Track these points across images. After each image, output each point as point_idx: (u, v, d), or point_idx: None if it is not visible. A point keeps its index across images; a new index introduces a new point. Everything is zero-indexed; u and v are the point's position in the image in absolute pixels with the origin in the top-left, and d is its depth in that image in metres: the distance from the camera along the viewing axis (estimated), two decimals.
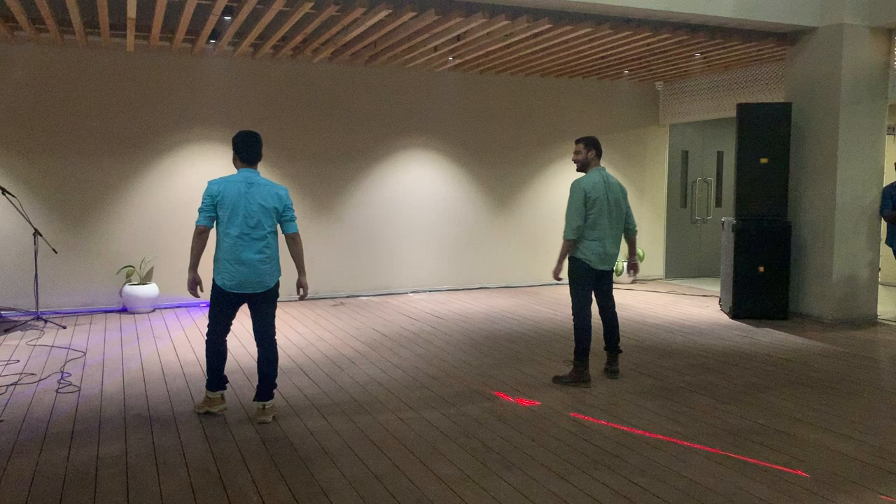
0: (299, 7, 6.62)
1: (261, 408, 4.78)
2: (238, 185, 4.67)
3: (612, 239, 5.64)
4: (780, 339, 7.23)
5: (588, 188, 5.51)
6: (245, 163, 4.82)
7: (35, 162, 8.32)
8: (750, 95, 9.96)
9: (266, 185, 4.74)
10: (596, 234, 5.54)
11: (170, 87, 8.82)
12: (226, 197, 4.62)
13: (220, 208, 4.63)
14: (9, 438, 4.43)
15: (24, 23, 7.21)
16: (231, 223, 4.61)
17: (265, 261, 4.68)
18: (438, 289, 10.36)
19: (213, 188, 4.66)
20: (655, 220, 11.74)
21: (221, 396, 4.92)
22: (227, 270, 4.63)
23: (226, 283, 4.65)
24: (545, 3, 6.98)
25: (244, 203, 4.62)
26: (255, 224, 4.63)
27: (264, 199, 4.68)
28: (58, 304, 8.40)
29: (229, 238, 4.61)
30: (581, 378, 5.60)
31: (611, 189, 5.63)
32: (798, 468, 3.99)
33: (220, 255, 4.66)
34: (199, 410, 4.90)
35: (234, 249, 4.60)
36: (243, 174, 4.76)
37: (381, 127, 9.94)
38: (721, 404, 5.12)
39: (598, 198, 5.52)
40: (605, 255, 5.60)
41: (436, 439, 4.42)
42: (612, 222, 5.62)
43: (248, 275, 4.64)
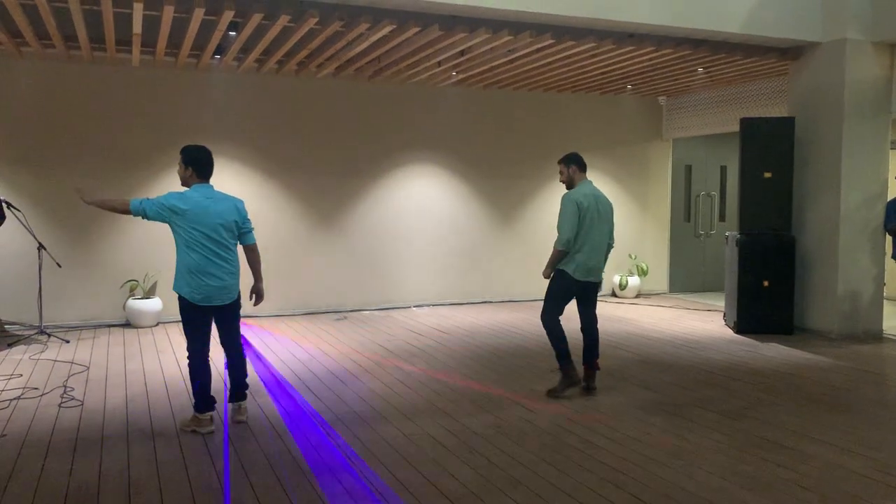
0: (304, 22, 6.66)
1: (237, 408, 5.04)
2: (199, 202, 4.71)
3: (600, 252, 5.73)
4: (785, 354, 7.19)
5: (579, 200, 5.59)
6: (203, 178, 4.87)
7: (40, 176, 8.35)
8: (753, 110, 9.97)
9: (224, 200, 4.84)
10: (584, 246, 5.61)
11: (175, 102, 8.86)
12: (189, 216, 4.66)
13: (182, 224, 4.66)
14: (12, 453, 4.41)
15: (30, 38, 7.27)
16: (195, 240, 4.67)
17: (231, 272, 4.83)
18: (442, 303, 10.34)
19: (179, 204, 4.66)
20: (659, 234, 11.73)
21: (210, 418, 4.88)
22: (195, 284, 4.69)
23: (194, 296, 4.71)
24: (548, 19, 7.01)
25: (208, 221, 4.69)
26: (220, 239, 4.75)
27: (226, 214, 4.78)
28: (61, 318, 8.40)
29: (194, 254, 4.68)
30: (571, 381, 5.66)
31: (600, 202, 5.72)
32: (805, 484, 3.95)
33: (186, 269, 4.71)
34: (185, 428, 4.86)
35: (201, 265, 4.68)
36: (202, 191, 4.80)
37: (385, 141, 9.97)
38: (726, 420, 5.09)
39: (588, 209, 5.61)
40: (592, 267, 5.67)
41: (439, 455, 4.40)
42: (600, 235, 5.70)
43: (216, 289, 4.75)
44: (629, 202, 11.48)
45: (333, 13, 6.57)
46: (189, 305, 4.75)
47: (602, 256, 5.77)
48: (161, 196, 4.76)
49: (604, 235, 5.74)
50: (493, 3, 6.59)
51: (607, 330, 8.44)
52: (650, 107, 11.57)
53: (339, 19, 6.65)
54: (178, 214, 4.66)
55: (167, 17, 6.48)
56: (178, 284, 4.75)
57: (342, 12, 6.59)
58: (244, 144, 9.21)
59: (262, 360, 6.85)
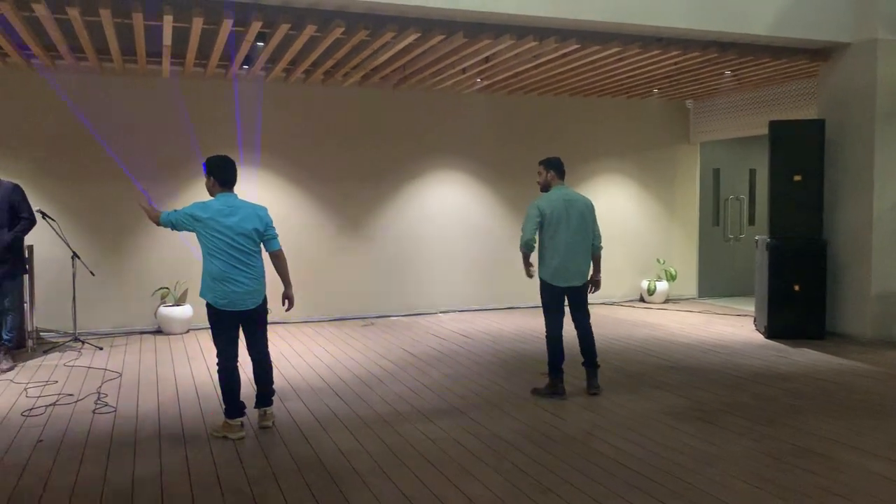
0: (330, 32, 6.73)
1: (262, 413, 5.08)
2: (221, 210, 4.83)
3: (575, 255, 5.76)
4: (817, 360, 7.09)
5: (543, 206, 5.71)
6: (224, 187, 4.96)
7: (74, 186, 8.52)
8: (782, 112, 9.86)
9: (247, 208, 4.93)
10: (554, 251, 5.71)
11: (204, 111, 8.99)
12: (212, 224, 4.78)
13: (205, 231, 4.79)
14: (48, 458, 4.50)
15: (64, 52, 7.43)
16: (218, 247, 4.79)
17: (255, 278, 4.90)
18: (467, 308, 10.35)
19: (199, 213, 4.81)
20: (687, 238, 11.63)
21: (241, 424, 4.94)
22: (219, 290, 4.81)
23: (218, 301, 4.83)
24: (573, 24, 7.00)
25: (230, 230, 4.80)
26: (242, 249, 4.84)
27: (248, 222, 4.87)
28: (95, 326, 8.55)
29: (218, 261, 4.79)
30: (555, 391, 5.78)
31: (572, 206, 5.76)
32: (839, 492, 3.89)
33: (210, 276, 4.83)
34: (216, 434, 4.91)
35: (224, 271, 4.79)
36: (224, 200, 4.90)
37: (410, 148, 10.02)
38: (758, 426, 5.03)
39: (553, 215, 5.69)
40: (566, 271, 5.73)
41: (467, 461, 4.40)
42: (574, 239, 5.73)
43: (239, 294, 4.84)
44: (657, 206, 11.41)
45: (359, 22, 6.63)
46: (215, 311, 4.86)
47: (581, 260, 5.81)
48: (186, 206, 4.91)
49: (583, 239, 5.78)
50: (517, 9, 6.60)
51: (635, 336, 8.40)
52: (677, 110, 11.48)
53: (365, 28, 6.70)
54: (199, 222, 4.79)
55: (196, 28, 6.59)
56: (203, 291, 4.88)
57: (368, 21, 6.65)
58: (272, 153, 9.32)
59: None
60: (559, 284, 5.76)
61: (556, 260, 5.72)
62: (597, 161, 11.03)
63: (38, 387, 6.19)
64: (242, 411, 4.96)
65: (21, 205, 6.83)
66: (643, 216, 11.36)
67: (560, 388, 5.80)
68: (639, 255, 11.29)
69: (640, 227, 11.32)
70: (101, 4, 5.91)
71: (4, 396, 5.90)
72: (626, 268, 11.20)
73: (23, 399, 5.82)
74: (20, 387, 6.18)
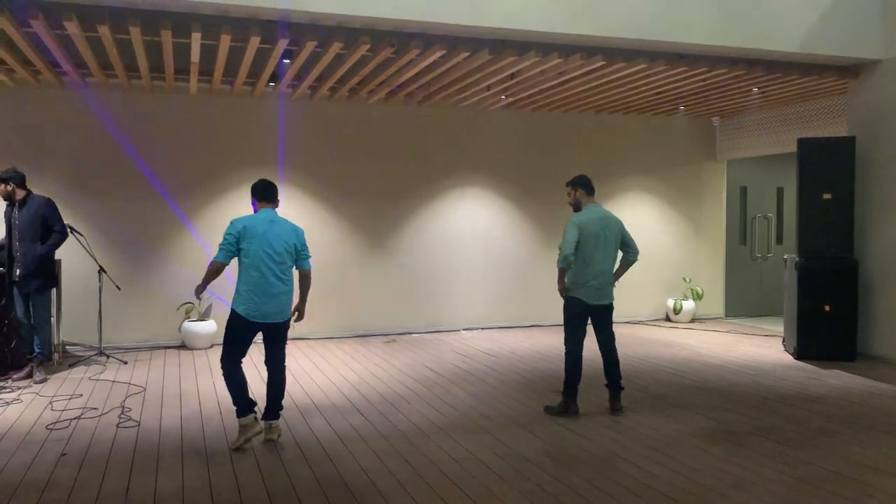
0: (356, 49, 6.77)
1: (268, 426, 5.10)
2: (262, 222, 5.01)
3: (606, 275, 5.78)
4: (849, 382, 6.93)
5: (581, 223, 5.71)
6: (265, 202, 5.17)
7: (101, 202, 8.63)
8: (811, 129, 9.73)
9: (285, 223, 5.11)
10: (591, 270, 5.70)
11: (231, 128, 9.08)
12: (251, 233, 4.94)
13: (245, 242, 4.93)
14: (72, 471, 4.51)
15: (95, 69, 7.55)
16: (257, 258, 4.91)
17: (286, 292, 5.03)
18: (490, 326, 10.28)
19: (237, 225, 4.98)
20: (714, 257, 11.48)
21: (255, 418, 5.04)
22: (253, 301, 4.92)
23: (250, 313, 4.92)
24: (599, 41, 6.98)
25: (269, 240, 4.95)
26: (279, 259, 4.98)
27: (286, 236, 5.03)
28: (119, 340, 8.60)
29: (256, 272, 4.91)
30: (568, 409, 5.74)
31: (607, 225, 5.80)
32: None
33: (246, 287, 4.94)
34: (235, 446, 4.94)
35: (261, 283, 4.91)
36: (265, 213, 5.11)
37: (434, 165, 10.03)
38: (789, 449, 4.91)
39: (591, 234, 5.69)
40: (600, 290, 5.75)
41: (490, 481, 4.33)
42: (605, 258, 5.75)
43: (272, 306, 4.95)
44: (683, 224, 11.29)
45: (385, 39, 6.67)
46: (239, 318, 4.95)
47: (609, 280, 5.83)
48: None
49: (611, 258, 5.80)
50: (542, 26, 6.60)
51: (662, 355, 8.28)
52: (703, 127, 11.39)
53: (391, 45, 6.73)
54: (240, 231, 4.93)
55: (224, 45, 6.66)
56: (236, 302, 4.98)
57: (393, 38, 6.68)
58: (297, 169, 9.36)
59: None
60: (594, 303, 5.74)
61: (593, 279, 5.70)
62: (622, 178, 10.95)
63: (63, 400, 6.22)
64: (253, 408, 5.05)
65: (53, 219, 6.92)
66: (669, 234, 11.24)
67: (573, 407, 5.77)
68: (665, 274, 11.16)
69: (667, 246, 11.21)
70: (130, 22, 6.00)
71: (30, 409, 5.94)
72: (652, 286, 11.08)
73: (48, 412, 5.85)
74: (46, 400, 6.22)
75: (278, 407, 5.18)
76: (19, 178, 6.84)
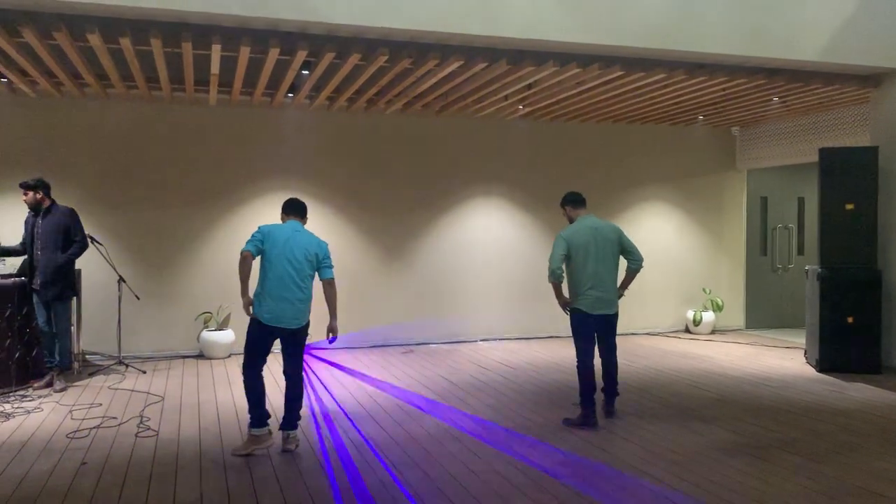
0: (374, 60, 6.79)
1: (286, 437, 5.13)
2: (286, 230, 5.19)
3: (605, 283, 5.79)
4: (872, 395, 6.82)
5: (568, 236, 5.79)
6: (292, 215, 5.36)
7: (121, 211, 8.71)
8: (832, 139, 9.64)
9: (310, 235, 5.25)
10: (587, 280, 5.75)
11: (249, 139, 9.14)
12: (275, 238, 5.08)
13: (267, 246, 5.06)
14: (91, 480, 4.52)
15: (116, 80, 7.63)
16: (277, 263, 5.04)
17: (303, 300, 5.11)
18: (508, 337, 10.24)
19: (263, 228, 5.17)
20: (734, 268, 11.38)
21: (269, 432, 5.11)
22: (268, 305, 5.02)
23: (265, 315, 5.02)
24: (617, 51, 6.96)
25: (291, 246, 5.07)
26: (299, 267, 5.07)
27: (307, 245, 5.15)
28: (138, 349, 8.66)
29: (274, 276, 5.02)
30: (587, 422, 5.73)
31: (599, 234, 5.80)
32: None
33: (264, 291, 5.05)
34: (238, 453, 5.01)
35: (278, 287, 5.01)
36: (291, 224, 5.30)
37: (452, 175, 10.03)
38: (812, 463, 4.83)
39: (581, 244, 5.75)
40: (599, 300, 5.77)
41: (509, 494, 4.29)
42: (604, 266, 5.78)
43: (287, 311, 5.04)
44: (702, 235, 11.20)
45: (403, 50, 6.69)
46: (258, 324, 5.05)
47: (610, 288, 5.84)
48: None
49: (609, 267, 5.81)
50: (560, 36, 6.59)
51: (682, 368, 8.20)
52: (723, 137, 11.31)
53: (409, 56, 6.75)
54: (263, 234, 5.08)
55: (244, 57, 6.71)
56: (255, 303, 5.07)
57: (411, 49, 6.70)
58: (314, 180, 9.40)
59: (328, 392, 6.88)
60: (594, 313, 5.78)
61: (590, 288, 5.76)
62: (641, 188, 10.90)
63: (83, 409, 6.26)
64: (266, 420, 5.11)
65: (75, 229, 6.99)
66: (688, 245, 11.16)
67: (592, 419, 5.75)
68: (684, 285, 11.07)
69: (686, 256, 11.12)
70: (152, 34, 6.06)
71: (51, 418, 5.97)
72: (671, 297, 10.99)
73: (68, 421, 5.89)
74: (66, 408, 6.26)
75: (296, 417, 5.21)
76: (47, 188, 6.94)
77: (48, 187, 6.96)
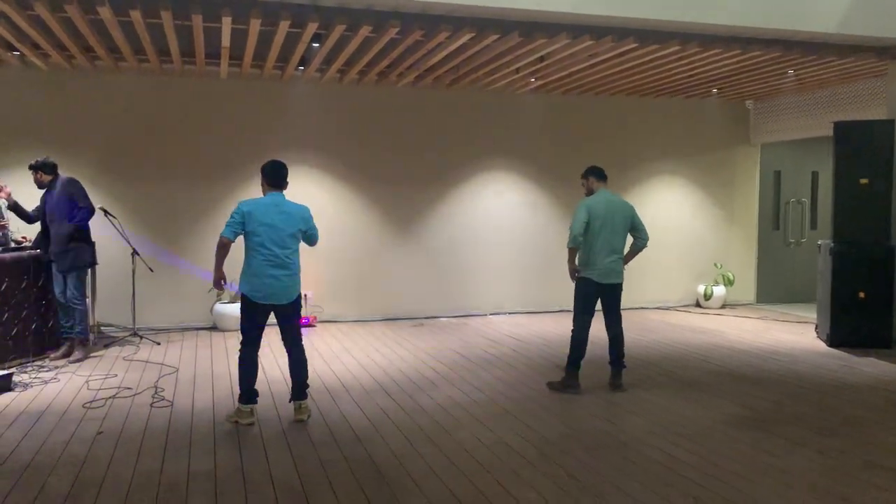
0: (385, 33, 6.75)
1: (297, 407, 5.22)
2: (268, 207, 5.09)
3: (615, 254, 6.00)
4: (884, 370, 6.82)
5: (591, 205, 5.98)
6: (273, 188, 5.22)
7: (134, 185, 8.75)
8: (847, 113, 9.52)
9: (292, 208, 5.17)
10: (599, 250, 5.94)
11: (260, 112, 9.13)
12: (256, 217, 5.02)
13: (249, 226, 5.02)
14: (107, 449, 4.61)
15: (127, 54, 7.63)
16: (260, 242, 5.02)
17: (291, 276, 5.12)
18: (518, 311, 10.27)
19: (243, 207, 5.06)
20: (746, 242, 11.33)
21: (251, 411, 5.17)
22: (256, 284, 5.05)
23: (255, 294, 5.04)
24: (631, 23, 6.88)
25: (275, 226, 5.03)
26: (283, 245, 5.06)
27: (291, 222, 5.11)
28: (152, 321, 8.75)
29: (259, 255, 5.02)
30: (570, 385, 5.98)
31: (615, 209, 6.01)
32: None
33: (250, 270, 5.07)
34: (229, 420, 5.16)
35: (264, 266, 5.02)
36: (271, 198, 5.17)
37: (462, 149, 9.99)
38: (821, 438, 4.85)
39: (599, 215, 5.93)
40: (609, 270, 5.98)
41: (518, 465, 4.35)
42: (615, 239, 5.98)
43: (276, 287, 5.06)
44: (715, 209, 11.15)
45: (414, 23, 6.63)
46: (249, 303, 5.09)
47: (618, 261, 6.04)
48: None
49: (618, 240, 6.01)
50: (573, 8, 6.51)
51: (691, 342, 8.21)
52: (737, 111, 11.20)
53: (420, 28, 6.70)
54: (244, 216, 5.02)
55: (254, 30, 6.68)
56: (241, 284, 5.11)
57: (422, 21, 6.64)
58: (325, 153, 9.41)
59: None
60: (604, 282, 5.97)
61: (602, 259, 5.94)
62: (653, 162, 10.83)
63: (98, 380, 6.36)
64: (254, 399, 5.18)
65: (78, 195, 7.02)
66: (701, 219, 11.11)
67: (575, 383, 5.98)
68: (696, 259, 11.05)
69: (698, 231, 11.08)
70: (162, 6, 6.04)
71: (68, 388, 6.08)
72: (682, 272, 10.98)
73: (84, 391, 5.99)
74: (82, 379, 6.36)
75: (304, 386, 5.26)
76: (47, 167, 7.01)
77: (49, 165, 7.01)
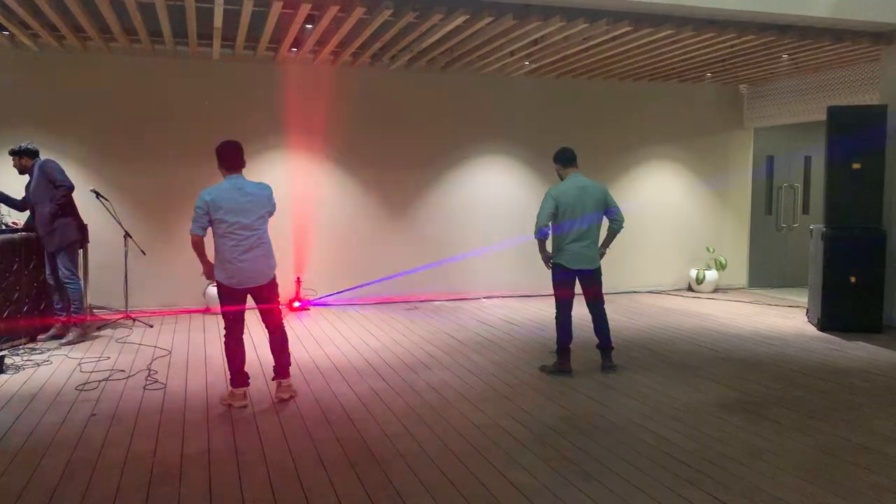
0: (378, 14, 6.70)
1: (279, 385, 5.29)
2: (230, 192, 5.01)
3: (587, 240, 6.01)
4: (874, 354, 6.87)
5: (556, 194, 5.98)
6: (231, 170, 5.14)
7: (126, 167, 8.70)
8: (841, 97, 9.53)
9: (254, 189, 5.10)
10: (571, 236, 5.96)
11: (253, 94, 9.07)
12: (220, 204, 4.94)
13: (215, 214, 4.94)
14: (101, 431, 4.62)
15: (118, 34, 7.55)
16: (228, 229, 4.97)
17: (263, 257, 5.10)
18: (512, 294, 10.29)
19: (206, 196, 4.98)
20: (738, 227, 11.36)
21: (244, 394, 5.19)
22: (229, 270, 5.03)
23: (230, 280, 5.03)
24: (625, 6, 6.85)
25: (239, 212, 4.97)
26: (253, 227, 5.03)
27: (257, 203, 5.06)
28: (145, 304, 8.73)
29: (230, 241, 4.98)
30: (562, 370, 6.04)
31: (586, 193, 5.99)
32: (895, 490, 3.77)
33: (222, 256, 5.03)
34: (222, 403, 5.17)
35: (235, 251, 4.99)
36: (232, 182, 5.08)
37: (457, 132, 9.97)
38: (811, 420, 4.90)
39: (568, 203, 5.93)
40: (581, 255, 5.99)
41: (511, 447, 4.37)
42: (587, 225, 5.98)
43: (250, 271, 5.05)
44: (708, 193, 11.16)
45: (407, 4, 6.59)
46: (226, 289, 5.08)
47: (593, 245, 6.05)
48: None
49: (592, 226, 6.01)
50: None
51: (683, 325, 8.25)
52: (730, 95, 11.19)
53: (413, 10, 6.66)
54: (208, 206, 4.95)
55: (246, 10, 6.62)
56: (216, 272, 5.09)
57: (416, 3, 6.60)
58: (319, 135, 9.36)
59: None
60: (573, 267, 6.00)
61: (573, 243, 5.96)
62: (647, 147, 10.83)
63: (91, 362, 6.35)
64: (245, 382, 5.18)
65: (54, 174, 6.97)
66: (693, 203, 11.13)
67: (567, 366, 6.04)
68: (688, 244, 11.08)
69: (690, 215, 11.11)
70: None
71: (60, 370, 6.07)
72: (674, 256, 11.01)
73: (77, 373, 5.98)
74: (75, 361, 6.36)
75: (286, 363, 5.30)
76: (27, 152, 7.01)
77: (28, 151, 7.01)
